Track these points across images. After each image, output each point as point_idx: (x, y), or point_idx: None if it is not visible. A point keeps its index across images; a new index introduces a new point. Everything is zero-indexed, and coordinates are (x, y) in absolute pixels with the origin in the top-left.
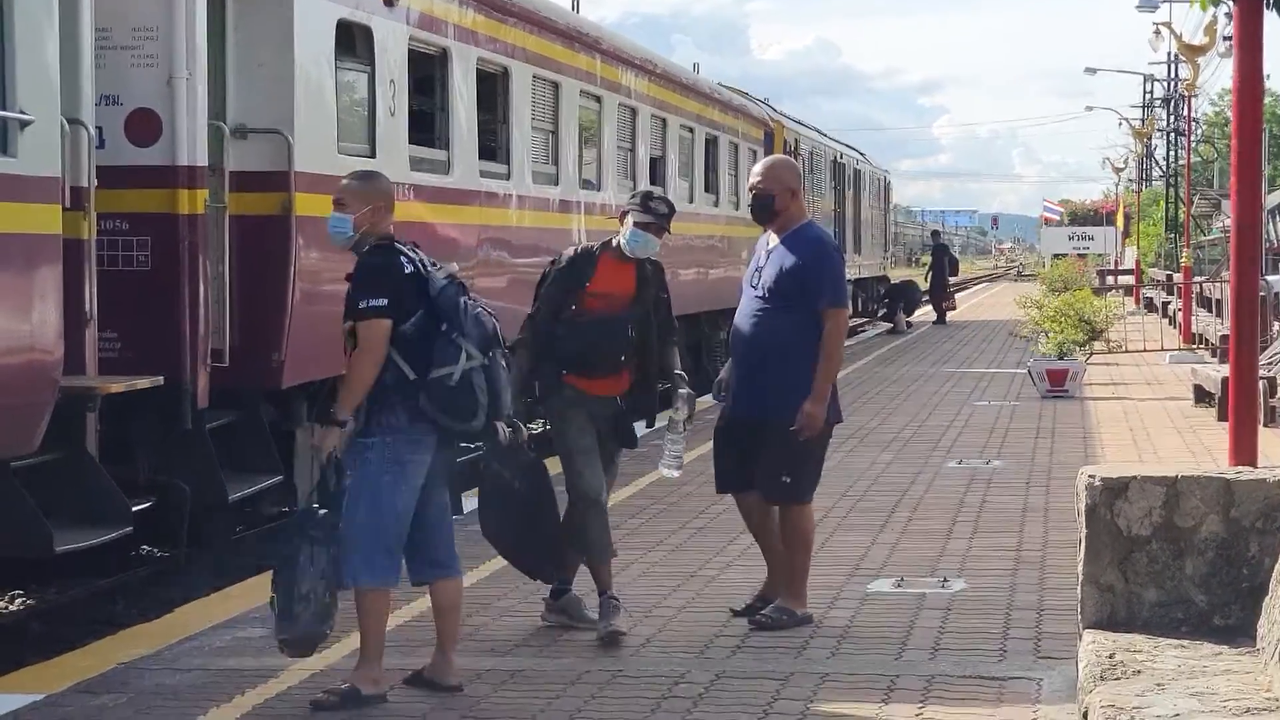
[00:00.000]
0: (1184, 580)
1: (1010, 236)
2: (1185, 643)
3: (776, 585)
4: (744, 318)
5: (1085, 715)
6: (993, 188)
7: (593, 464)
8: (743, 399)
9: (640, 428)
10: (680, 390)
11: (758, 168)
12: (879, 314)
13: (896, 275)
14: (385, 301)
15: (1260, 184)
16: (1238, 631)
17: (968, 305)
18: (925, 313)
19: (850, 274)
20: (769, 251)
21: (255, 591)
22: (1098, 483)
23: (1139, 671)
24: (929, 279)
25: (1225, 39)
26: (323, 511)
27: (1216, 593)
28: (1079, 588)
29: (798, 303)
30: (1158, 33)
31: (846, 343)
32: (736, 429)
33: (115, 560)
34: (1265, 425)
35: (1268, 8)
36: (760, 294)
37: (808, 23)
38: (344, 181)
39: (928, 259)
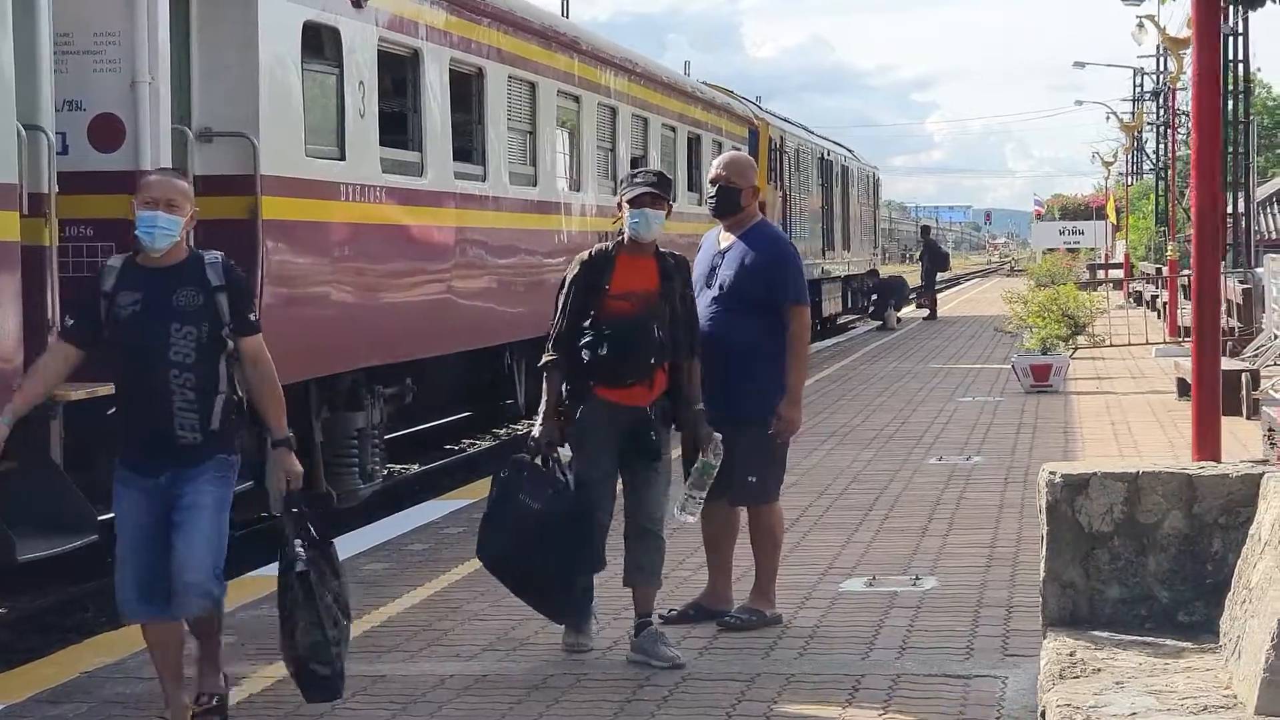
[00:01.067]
0: (1147, 577)
1: (1004, 231)
2: (1148, 640)
3: (714, 596)
4: (702, 320)
5: (1043, 714)
6: (986, 183)
7: (602, 491)
8: (707, 402)
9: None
10: (710, 433)
11: (721, 160)
12: (869, 310)
13: (886, 271)
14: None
15: (1220, 177)
16: (1201, 628)
17: (960, 300)
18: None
19: (840, 270)
20: (723, 251)
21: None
22: (1058, 479)
23: (1099, 670)
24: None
25: None
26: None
27: (1179, 589)
28: (1041, 585)
29: (759, 302)
30: (1141, 25)
31: (836, 340)
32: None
33: (99, 567)
34: (1248, 418)
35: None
36: (718, 294)
37: (801, 20)
38: (170, 180)
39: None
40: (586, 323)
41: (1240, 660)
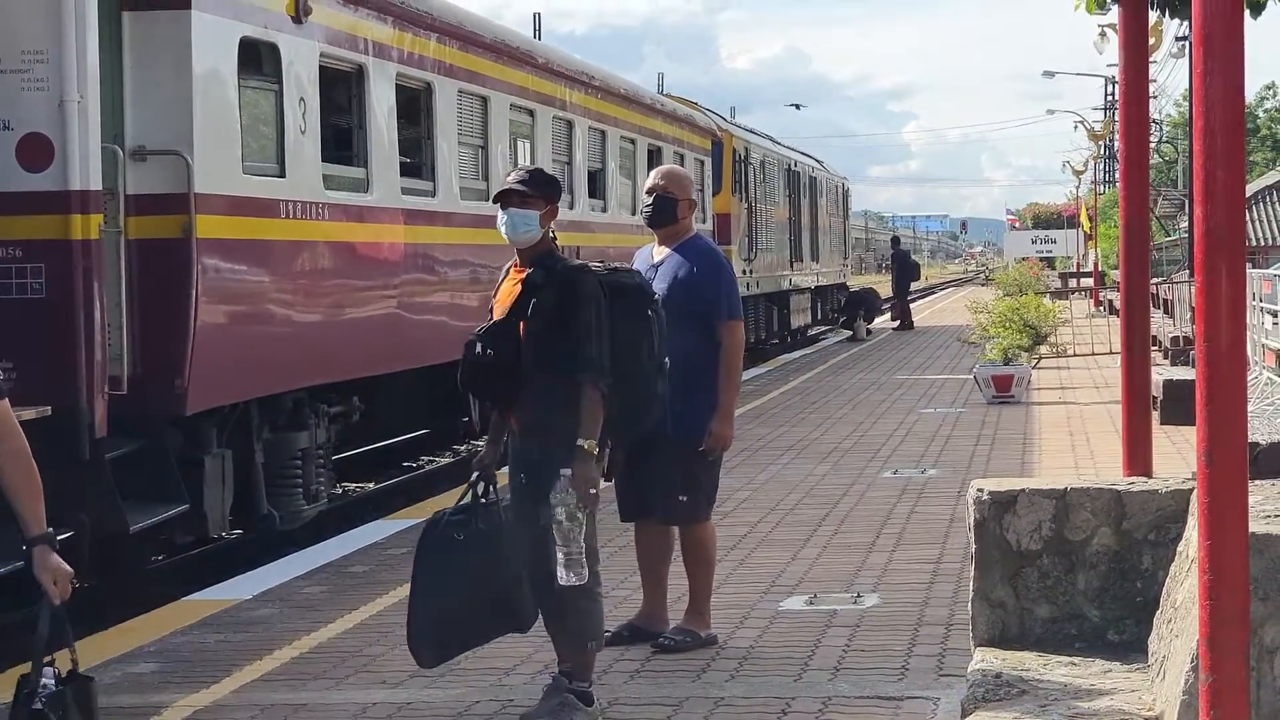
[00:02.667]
0: (1076, 595)
1: (981, 240)
2: (1077, 660)
3: (650, 617)
4: None
5: None
6: (963, 192)
7: (515, 534)
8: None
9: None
10: (563, 471)
11: (659, 171)
12: (839, 321)
13: (859, 283)
14: None
15: (1146, 186)
16: (1132, 647)
17: (932, 310)
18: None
19: (808, 282)
20: (656, 265)
21: (154, 624)
22: (986, 496)
23: (1024, 692)
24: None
25: (1178, 39)
26: None
27: (1110, 608)
28: (970, 604)
29: (693, 316)
30: (1103, 34)
31: (804, 351)
32: (634, 449)
33: (38, 592)
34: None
35: (1153, 8)
36: None
37: (777, 31)
38: None
39: None
40: None
41: (1164, 680)
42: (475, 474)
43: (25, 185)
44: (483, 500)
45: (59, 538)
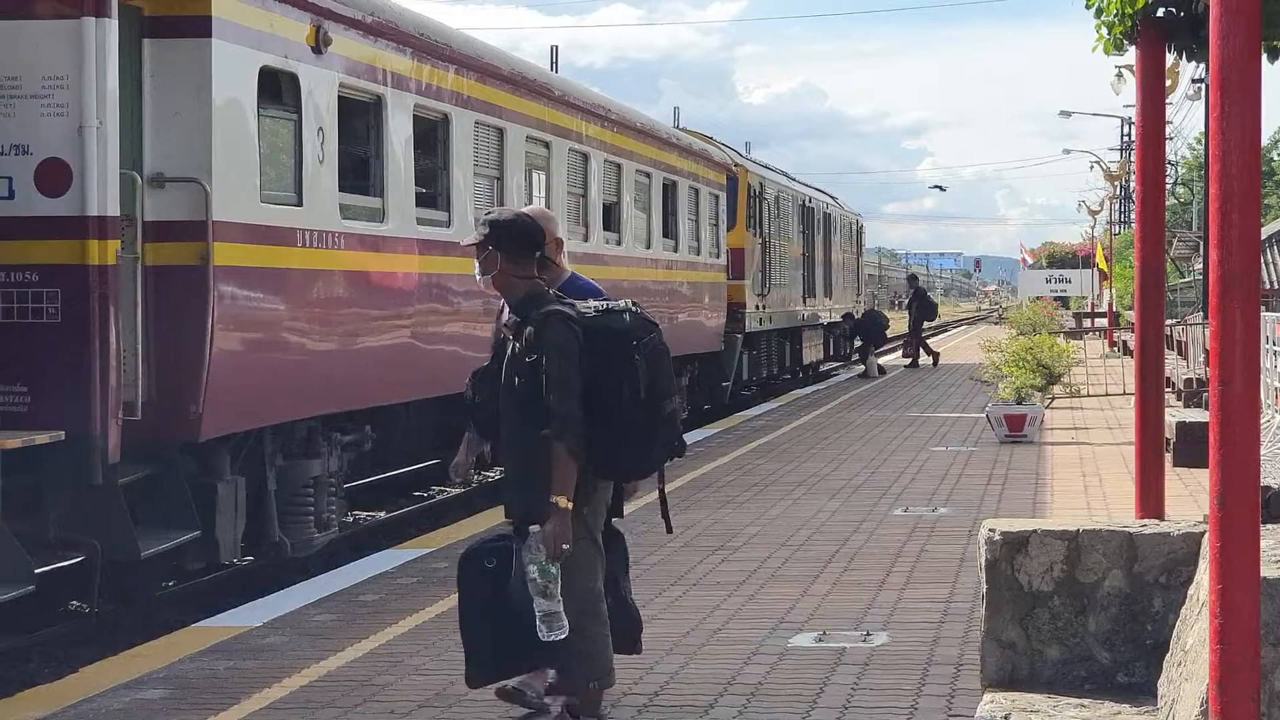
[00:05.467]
0: (1087, 637)
1: (995, 279)
2: (1086, 702)
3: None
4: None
5: None
6: (978, 230)
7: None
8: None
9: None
10: (532, 528)
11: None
12: (852, 358)
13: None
14: None
15: (1162, 229)
16: (1142, 690)
17: (945, 348)
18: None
19: (821, 317)
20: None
21: (164, 650)
22: (998, 537)
23: None
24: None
25: (1194, 81)
26: None
27: (1120, 650)
28: (980, 645)
29: None
30: (1120, 76)
31: (816, 387)
32: None
33: (53, 616)
34: None
35: (1170, 50)
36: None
37: (794, 66)
38: None
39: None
40: None
41: None
42: (458, 480)
43: (43, 210)
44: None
45: (70, 561)
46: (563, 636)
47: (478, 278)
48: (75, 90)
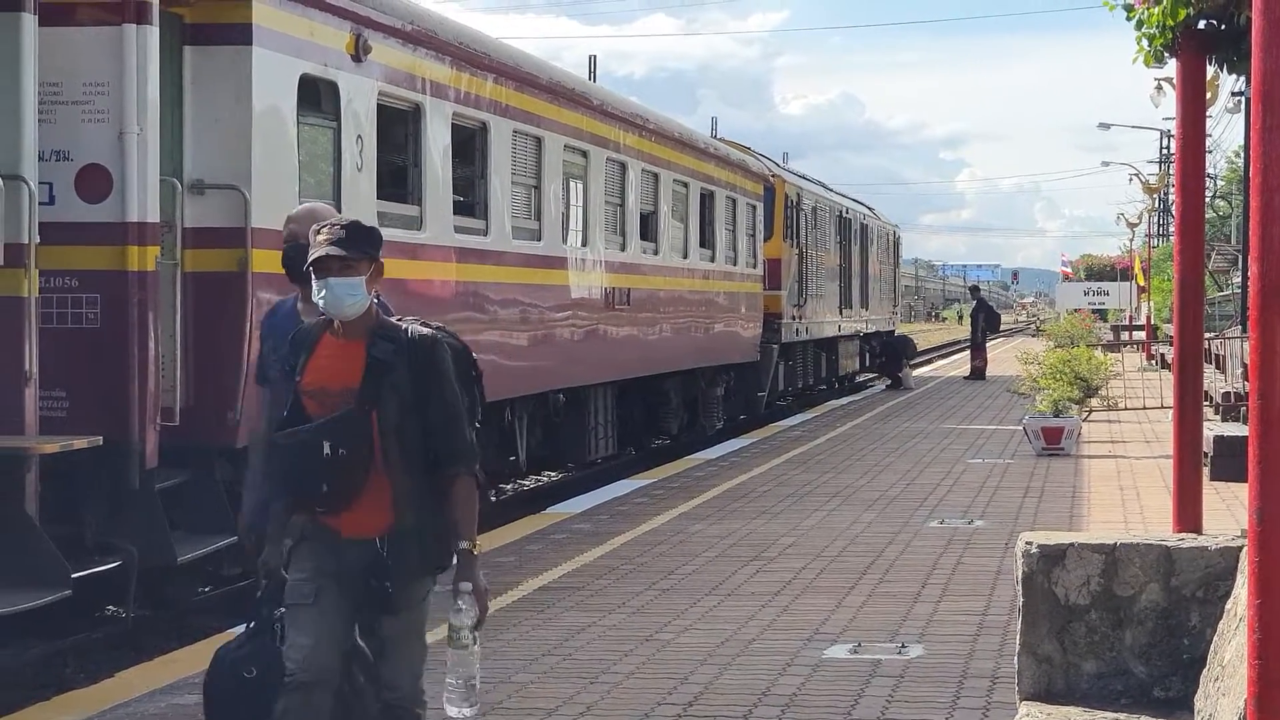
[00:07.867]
0: (1123, 651)
1: (1033, 291)
2: (1122, 716)
3: None
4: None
5: None
6: (1016, 242)
7: (306, 623)
8: None
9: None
10: (461, 586)
11: (298, 213)
12: (879, 368)
13: (905, 331)
14: None
15: (1201, 243)
16: (1178, 704)
17: None
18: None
19: (858, 328)
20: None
21: (200, 655)
22: (1034, 549)
23: None
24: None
25: (1234, 94)
26: None
27: (1157, 664)
28: (1016, 658)
29: None
30: (1160, 88)
31: (851, 398)
32: None
33: (89, 621)
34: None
35: (1210, 63)
36: None
37: (833, 77)
38: None
39: (949, 313)
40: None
41: None
42: (265, 580)
43: (83, 216)
44: (276, 622)
45: (106, 566)
46: (476, 713)
47: (341, 306)
48: (116, 97)
